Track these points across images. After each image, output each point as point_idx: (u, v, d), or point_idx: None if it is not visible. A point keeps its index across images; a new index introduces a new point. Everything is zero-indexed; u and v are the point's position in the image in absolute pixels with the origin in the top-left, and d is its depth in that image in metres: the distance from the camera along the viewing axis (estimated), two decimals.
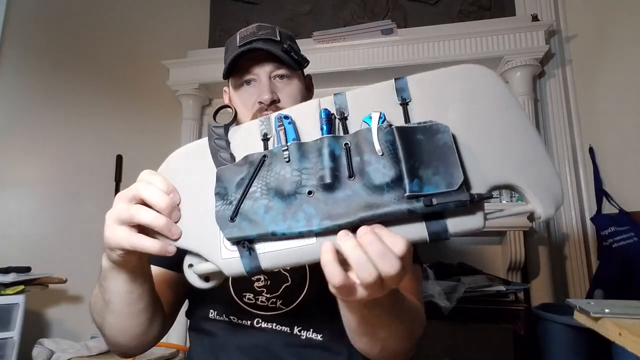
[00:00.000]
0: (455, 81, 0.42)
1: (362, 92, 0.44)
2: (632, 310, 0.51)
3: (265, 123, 0.46)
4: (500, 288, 1.48)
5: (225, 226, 0.42)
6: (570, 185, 1.82)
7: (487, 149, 0.40)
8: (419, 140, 0.38)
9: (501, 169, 0.39)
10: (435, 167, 0.37)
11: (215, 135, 0.46)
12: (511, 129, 0.40)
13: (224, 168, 0.44)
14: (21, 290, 1.42)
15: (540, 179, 0.39)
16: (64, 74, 1.86)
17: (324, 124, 0.42)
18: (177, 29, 2.31)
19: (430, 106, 0.41)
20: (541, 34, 1.79)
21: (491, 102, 0.41)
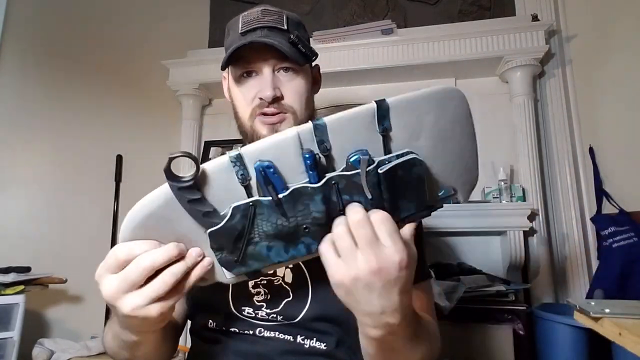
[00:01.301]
0: (432, 108, 0.45)
1: (343, 121, 0.43)
2: (632, 310, 0.51)
3: (239, 164, 0.42)
4: (500, 288, 1.48)
5: (231, 267, 0.44)
6: (570, 185, 1.82)
7: (443, 164, 0.47)
8: (400, 175, 0.43)
9: (450, 179, 0.48)
10: (410, 196, 0.44)
11: (187, 197, 0.42)
12: (463, 146, 0.48)
13: (214, 231, 0.43)
14: (21, 290, 1.42)
15: (470, 180, 0.50)
16: (63, 74, 1.86)
17: (311, 170, 0.42)
18: (177, 29, 2.31)
19: (406, 134, 0.45)
20: (541, 34, 1.79)
21: (456, 126, 0.47)
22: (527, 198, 1.73)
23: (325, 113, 2.16)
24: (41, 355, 1.44)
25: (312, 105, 0.74)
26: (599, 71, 1.72)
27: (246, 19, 0.66)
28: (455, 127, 0.46)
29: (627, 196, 1.54)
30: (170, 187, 0.42)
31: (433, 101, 0.45)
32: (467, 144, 0.48)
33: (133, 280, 0.41)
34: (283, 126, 0.67)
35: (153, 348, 0.55)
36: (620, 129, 1.59)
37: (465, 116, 0.47)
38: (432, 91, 0.45)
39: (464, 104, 0.47)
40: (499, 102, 1.93)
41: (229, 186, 0.43)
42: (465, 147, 0.48)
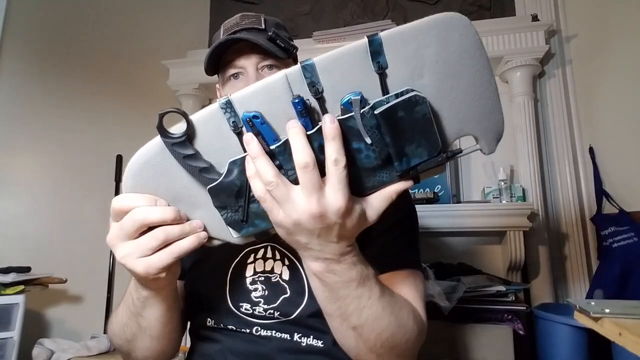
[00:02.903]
0: (432, 39, 0.39)
1: (334, 59, 0.39)
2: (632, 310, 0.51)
3: (229, 110, 0.40)
4: (500, 288, 1.48)
5: (239, 228, 0.43)
6: (570, 185, 1.82)
7: (455, 106, 0.41)
8: (401, 117, 0.38)
9: (466, 123, 0.42)
10: (417, 140, 0.39)
11: (182, 154, 0.41)
12: (477, 83, 0.41)
13: (214, 187, 0.42)
14: (21, 290, 1.42)
15: (492, 127, 0.43)
16: (64, 74, 1.86)
17: (302, 117, 0.39)
18: (177, 29, 2.31)
19: (406, 71, 0.39)
20: (541, 34, 1.79)
21: (464, 59, 0.40)
22: (527, 198, 1.73)
23: None
24: (41, 355, 1.44)
25: None
26: (599, 71, 1.72)
27: (227, 26, 0.70)
28: (463, 61, 0.40)
29: (627, 196, 1.54)
30: (165, 144, 0.41)
31: (432, 31, 0.39)
32: (483, 80, 0.41)
33: (126, 230, 0.43)
34: None
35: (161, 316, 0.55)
36: (620, 129, 1.59)
37: (474, 47, 0.40)
38: (430, 20, 0.39)
39: (471, 32, 0.40)
40: None
41: (221, 134, 0.41)
42: (480, 85, 0.41)
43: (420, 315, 0.58)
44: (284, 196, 0.38)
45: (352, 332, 0.49)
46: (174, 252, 0.43)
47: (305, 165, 0.37)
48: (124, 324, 0.58)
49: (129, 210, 0.43)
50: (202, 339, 0.68)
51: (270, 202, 0.39)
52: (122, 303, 0.58)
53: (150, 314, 0.54)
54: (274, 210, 0.40)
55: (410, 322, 0.53)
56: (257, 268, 0.66)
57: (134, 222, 0.42)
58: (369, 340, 0.50)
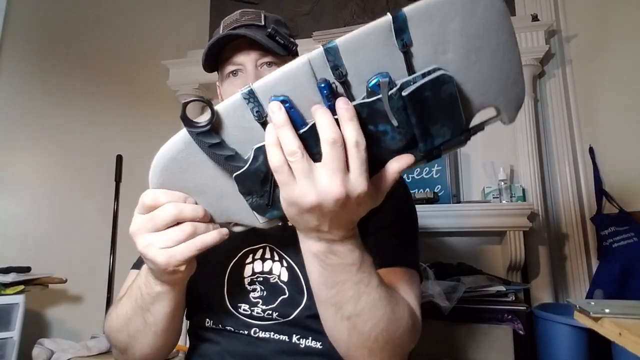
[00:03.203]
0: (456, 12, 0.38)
1: (357, 40, 0.38)
2: (632, 310, 0.51)
3: (253, 99, 0.40)
4: (500, 288, 1.48)
5: (264, 212, 0.44)
6: (570, 185, 1.82)
7: (479, 80, 0.40)
8: (427, 97, 0.37)
9: (488, 96, 0.41)
10: (442, 120, 0.39)
11: (207, 143, 0.41)
12: (501, 55, 0.40)
13: (240, 174, 0.41)
14: (21, 290, 1.42)
15: (515, 97, 0.42)
16: (64, 74, 1.86)
17: (329, 101, 0.38)
18: (177, 29, 2.31)
19: (430, 47, 0.38)
20: (541, 34, 1.79)
21: (490, 32, 0.39)
22: (527, 198, 1.73)
23: None
24: (41, 355, 1.44)
25: None
26: (599, 71, 1.72)
27: (227, 22, 0.69)
28: (489, 33, 0.39)
29: (627, 196, 1.54)
30: (189, 133, 0.41)
31: (457, 3, 0.37)
32: (507, 51, 0.40)
33: (157, 222, 0.44)
34: None
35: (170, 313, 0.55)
36: (620, 129, 1.59)
37: (500, 17, 0.38)
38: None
39: (497, 2, 0.38)
40: None
41: (245, 125, 0.41)
42: (504, 57, 0.40)
43: (415, 313, 0.57)
44: (304, 170, 0.37)
45: (346, 322, 0.48)
46: (197, 245, 0.44)
47: (333, 141, 0.36)
48: (127, 319, 0.57)
49: (160, 205, 0.44)
50: (201, 339, 0.68)
51: (287, 175, 0.38)
52: (127, 297, 0.57)
53: (159, 309, 0.54)
54: (289, 185, 0.38)
55: (405, 316, 0.53)
56: (255, 268, 0.66)
57: (167, 215, 0.43)
58: (362, 333, 0.48)
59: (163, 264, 0.44)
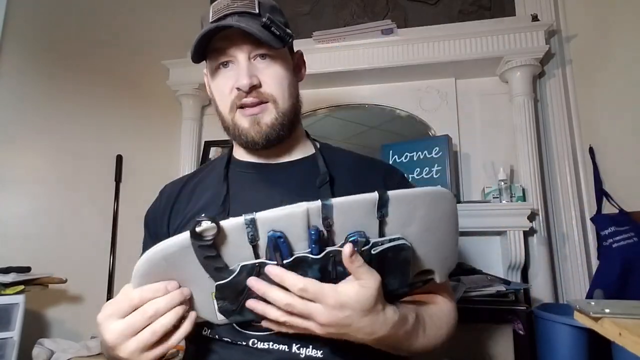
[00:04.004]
0: (424, 203, 0.51)
1: (348, 204, 0.48)
2: (632, 310, 0.51)
3: (252, 227, 0.47)
4: (500, 288, 1.48)
5: (229, 315, 0.52)
6: (570, 185, 1.82)
7: (427, 251, 0.54)
8: (389, 258, 0.50)
9: (429, 261, 0.55)
10: (395, 275, 0.52)
11: (204, 254, 0.48)
12: (445, 239, 0.55)
13: (222, 284, 0.49)
14: (21, 290, 1.42)
15: (447, 265, 0.58)
16: (63, 74, 1.86)
17: (314, 244, 0.48)
18: (177, 29, 2.31)
19: (400, 221, 0.50)
20: (541, 34, 1.79)
21: (442, 219, 0.53)
22: (527, 198, 1.73)
23: (326, 113, 2.17)
24: (41, 355, 1.44)
25: (295, 93, 0.70)
26: (599, 71, 1.72)
27: (216, 8, 0.63)
28: (441, 223, 0.53)
29: (627, 196, 1.54)
30: (193, 244, 0.47)
31: (428, 198, 0.51)
32: (449, 237, 0.55)
33: (137, 327, 0.46)
34: (265, 116, 0.65)
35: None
36: (620, 129, 1.59)
37: (451, 214, 0.54)
38: (429, 190, 0.51)
39: (453, 205, 0.54)
40: (499, 102, 1.93)
41: (239, 244, 0.48)
42: (447, 240, 0.55)
43: (455, 308, 0.68)
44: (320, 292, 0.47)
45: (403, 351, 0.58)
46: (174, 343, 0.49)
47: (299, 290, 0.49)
48: None
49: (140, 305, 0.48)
50: (198, 347, 0.65)
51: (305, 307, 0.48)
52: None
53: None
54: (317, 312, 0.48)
55: (452, 323, 0.64)
56: None
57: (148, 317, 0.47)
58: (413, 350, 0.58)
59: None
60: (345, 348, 0.59)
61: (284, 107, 0.66)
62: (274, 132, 0.66)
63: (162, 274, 0.49)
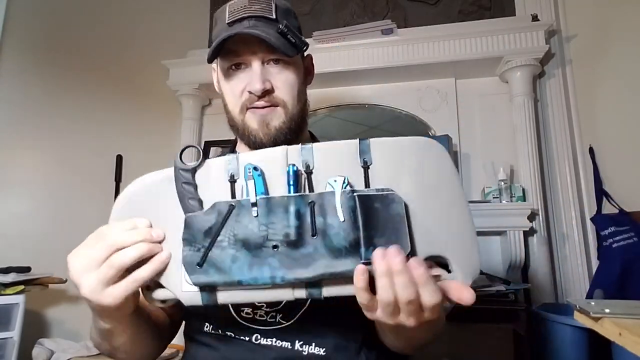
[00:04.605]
0: (412, 153, 0.46)
1: (328, 148, 0.46)
2: (632, 310, 0.51)
3: (233, 163, 0.47)
4: (500, 288, 1.48)
5: (192, 271, 0.44)
6: (570, 185, 1.82)
7: (428, 222, 0.45)
8: (376, 208, 0.42)
9: (437, 243, 0.45)
10: (388, 235, 0.42)
11: (183, 179, 0.47)
12: (449, 207, 0.46)
13: (192, 216, 0.45)
14: (21, 290, 1.42)
15: (464, 255, 0.45)
16: (63, 74, 1.86)
17: (292, 182, 0.45)
18: (177, 29, 2.31)
19: (387, 173, 0.46)
20: (541, 34, 1.79)
21: (438, 179, 0.46)
22: (527, 198, 1.73)
23: (326, 113, 2.16)
24: (41, 355, 1.44)
25: (304, 98, 0.71)
26: (599, 71, 1.72)
27: (233, 8, 0.63)
28: (441, 186, 0.46)
29: (627, 196, 1.54)
30: (175, 168, 0.47)
31: (414, 147, 0.46)
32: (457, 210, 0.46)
33: (97, 259, 0.43)
34: (274, 119, 0.65)
35: (129, 340, 0.56)
36: (620, 129, 1.59)
37: (451, 175, 0.47)
38: (415, 138, 0.47)
39: (447, 161, 0.47)
40: (499, 102, 1.93)
41: (219, 183, 0.47)
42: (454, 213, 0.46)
43: None
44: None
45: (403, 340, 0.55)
46: (135, 283, 0.44)
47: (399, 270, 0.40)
48: (99, 343, 0.58)
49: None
50: (199, 344, 0.65)
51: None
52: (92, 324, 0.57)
53: (118, 340, 0.55)
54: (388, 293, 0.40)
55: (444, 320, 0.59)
56: None
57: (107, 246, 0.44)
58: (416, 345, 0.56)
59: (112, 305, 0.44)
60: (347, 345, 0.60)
61: (293, 112, 0.67)
62: (282, 136, 0.66)
63: (139, 212, 0.47)
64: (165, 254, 0.45)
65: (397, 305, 0.40)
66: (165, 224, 0.46)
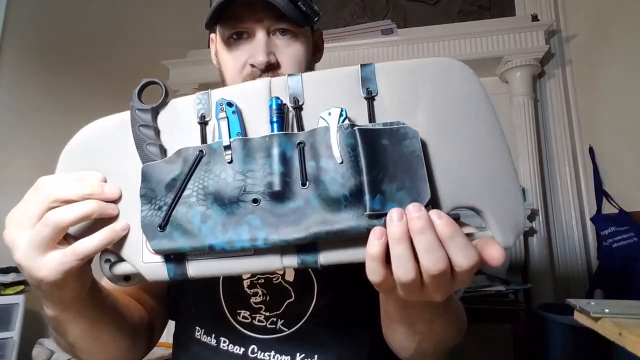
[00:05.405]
0: (429, 77, 0.36)
1: (322, 78, 0.37)
2: (632, 310, 0.51)
3: (204, 102, 0.38)
4: (500, 288, 1.48)
5: (153, 236, 0.35)
6: (570, 185, 1.82)
7: (454, 163, 0.35)
8: (384, 146, 0.33)
9: (467, 189, 0.34)
10: (401, 180, 0.32)
11: (140, 122, 0.37)
12: (482, 142, 0.35)
13: (151, 165, 0.36)
14: (21, 290, 1.42)
15: (504, 205, 0.34)
16: (63, 74, 1.86)
17: (275, 117, 0.35)
18: (177, 29, 2.31)
19: (398, 104, 0.36)
20: (541, 34, 1.79)
21: (465, 108, 0.36)
22: (527, 198, 1.73)
23: None
24: (41, 355, 1.44)
25: None
26: (599, 71, 1.72)
27: None
28: (464, 110, 0.35)
29: (627, 196, 1.54)
30: (131, 108, 0.38)
31: (429, 68, 0.36)
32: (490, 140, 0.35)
33: (33, 215, 0.34)
34: None
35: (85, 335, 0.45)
36: (620, 129, 1.59)
37: (478, 96, 0.36)
38: (431, 60, 0.36)
39: (474, 80, 0.36)
40: (499, 102, 1.93)
41: (188, 126, 0.38)
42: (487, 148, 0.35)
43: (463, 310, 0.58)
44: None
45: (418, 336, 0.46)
46: (76, 254, 0.34)
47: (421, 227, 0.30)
48: (57, 338, 0.49)
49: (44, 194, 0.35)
50: (188, 353, 0.58)
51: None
52: None
53: (70, 332, 0.44)
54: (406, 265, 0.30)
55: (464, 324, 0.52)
56: None
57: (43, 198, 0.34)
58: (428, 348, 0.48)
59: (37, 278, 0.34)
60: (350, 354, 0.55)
61: None
62: None
63: (91, 165, 0.39)
64: (120, 224, 0.35)
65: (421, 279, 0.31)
66: (124, 181, 0.37)
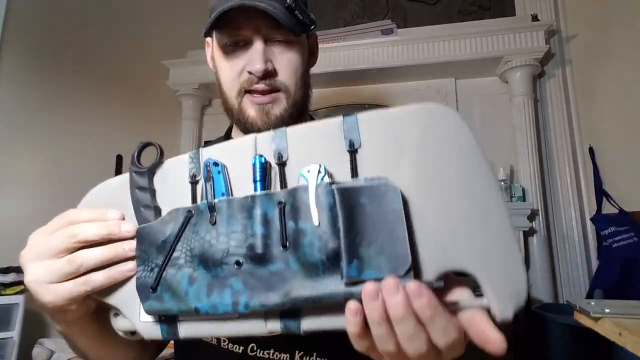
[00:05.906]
0: (414, 126, 0.33)
1: (306, 132, 0.36)
2: (632, 310, 0.51)
3: (195, 161, 0.38)
4: None
5: (145, 297, 0.36)
6: (570, 185, 1.82)
7: (441, 220, 0.31)
8: (363, 205, 0.31)
9: (456, 250, 0.31)
10: (380, 243, 0.30)
11: (137, 184, 0.39)
12: (475, 198, 0.31)
13: (145, 227, 0.37)
14: (21, 290, 1.42)
15: (502, 269, 0.31)
16: (64, 74, 1.86)
17: (258, 176, 0.35)
18: (177, 29, 2.31)
19: (382, 156, 0.34)
20: (541, 34, 1.79)
21: (453, 158, 0.32)
22: (527, 198, 1.73)
23: (325, 113, 2.16)
24: (41, 355, 1.44)
25: (307, 82, 0.64)
26: (599, 71, 1.72)
27: None
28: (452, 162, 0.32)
29: (627, 196, 1.54)
30: (129, 170, 0.40)
31: (415, 114, 0.33)
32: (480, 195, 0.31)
33: (53, 248, 0.37)
34: (275, 108, 0.58)
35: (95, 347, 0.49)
36: (620, 129, 1.59)
37: (468, 146, 0.32)
38: (418, 106, 0.34)
39: (461, 127, 0.33)
40: (499, 102, 1.93)
41: (181, 185, 0.39)
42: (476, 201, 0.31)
43: None
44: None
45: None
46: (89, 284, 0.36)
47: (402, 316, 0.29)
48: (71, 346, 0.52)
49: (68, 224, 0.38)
50: (189, 353, 0.60)
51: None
52: None
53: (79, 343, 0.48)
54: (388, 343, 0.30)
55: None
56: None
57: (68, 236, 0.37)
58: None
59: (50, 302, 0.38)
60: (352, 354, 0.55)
61: (296, 98, 0.60)
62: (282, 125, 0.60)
63: None
64: (128, 266, 0.37)
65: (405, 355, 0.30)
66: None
